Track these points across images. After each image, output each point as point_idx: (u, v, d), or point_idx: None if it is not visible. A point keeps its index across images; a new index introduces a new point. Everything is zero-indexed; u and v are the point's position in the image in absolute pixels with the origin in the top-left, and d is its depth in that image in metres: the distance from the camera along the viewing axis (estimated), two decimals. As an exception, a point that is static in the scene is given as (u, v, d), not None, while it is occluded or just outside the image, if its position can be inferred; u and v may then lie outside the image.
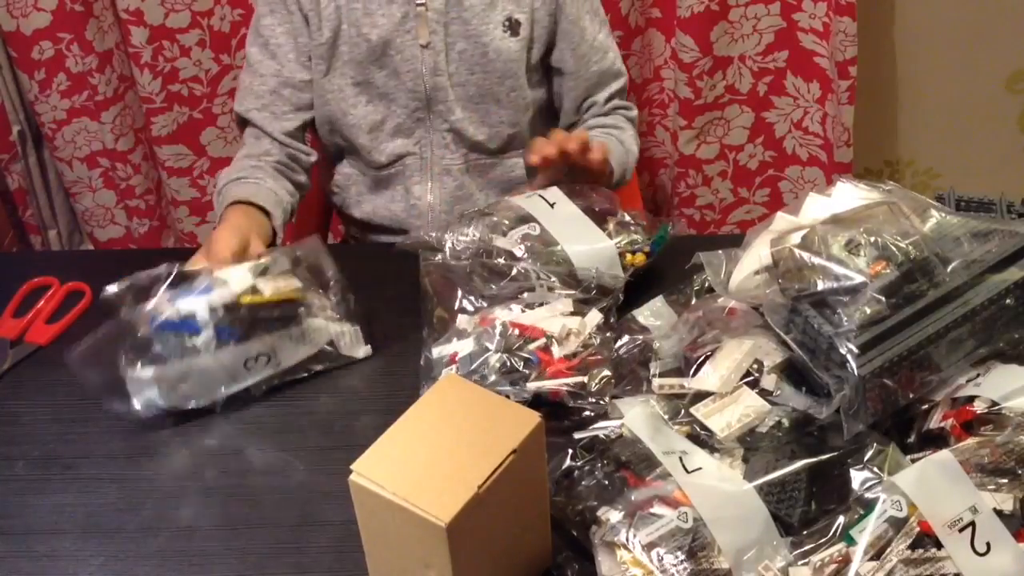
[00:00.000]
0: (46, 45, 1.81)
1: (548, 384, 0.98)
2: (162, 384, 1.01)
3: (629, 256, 1.12)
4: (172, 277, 1.02)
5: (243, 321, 1.02)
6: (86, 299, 1.22)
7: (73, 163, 1.98)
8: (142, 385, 1.01)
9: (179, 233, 2.10)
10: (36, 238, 2.07)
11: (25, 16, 1.78)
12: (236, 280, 1.04)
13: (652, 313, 1.08)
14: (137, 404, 1.01)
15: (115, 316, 1.02)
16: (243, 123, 1.41)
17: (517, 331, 1.01)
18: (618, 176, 1.38)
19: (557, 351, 1.00)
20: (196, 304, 1.01)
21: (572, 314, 1.04)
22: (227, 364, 1.03)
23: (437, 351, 1.03)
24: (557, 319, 1.02)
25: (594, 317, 1.03)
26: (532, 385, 0.97)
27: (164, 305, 1.01)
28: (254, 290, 1.03)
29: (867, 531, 0.77)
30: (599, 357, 1.00)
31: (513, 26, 1.35)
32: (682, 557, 0.79)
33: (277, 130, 1.38)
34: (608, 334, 1.03)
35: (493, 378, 0.98)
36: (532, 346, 1.00)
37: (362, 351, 1.10)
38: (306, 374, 1.08)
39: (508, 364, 0.99)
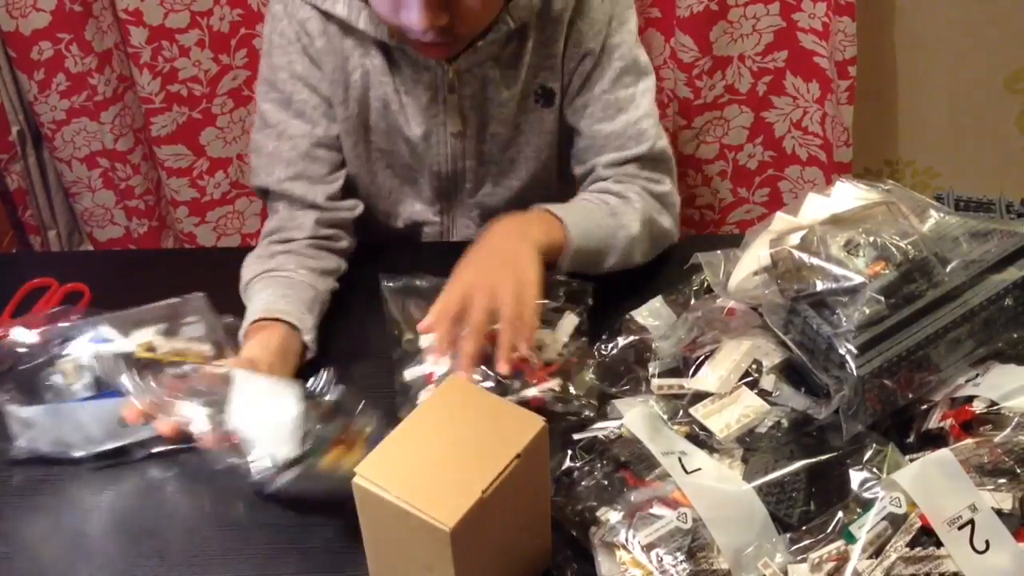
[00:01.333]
0: (45, 45, 1.81)
1: (529, 392, 0.96)
2: (37, 427, 0.96)
3: None
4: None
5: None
6: (85, 299, 1.22)
7: (72, 163, 1.98)
8: (22, 424, 0.97)
9: (178, 233, 2.10)
10: (36, 238, 2.07)
11: (24, 16, 1.77)
12: (136, 336, 0.99)
13: (651, 313, 1.08)
14: (21, 442, 0.97)
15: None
16: (276, 197, 1.21)
17: (492, 346, 0.97)
18: (579, 265, 1.10)
19: (535, 361, 0.98)
20: (84, 350, 0.96)
21: (544, 323, 1.02)
22: (101, 418, 0.96)
23: (409, 373, 1.01)
24: None
25: (570, 321, 1.02)
26: (513, 397, 0.95)
27: (53, 345, 0.96)
28: (149, 347, 0.97)
29: (866, 527, 0.77)
30: (575, 360, 0.99)
31: (547, 95, 1.22)
32: (681, 558, 0.79)
33: (320, 196, 1.19)
34: (584, 339, 1.02)
35: None
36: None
37: None
38: (186, 446, 0.95)
39: (491, 376, 0.96)
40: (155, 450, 0.99)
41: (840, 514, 0.79)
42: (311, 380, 0.94)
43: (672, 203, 1.23)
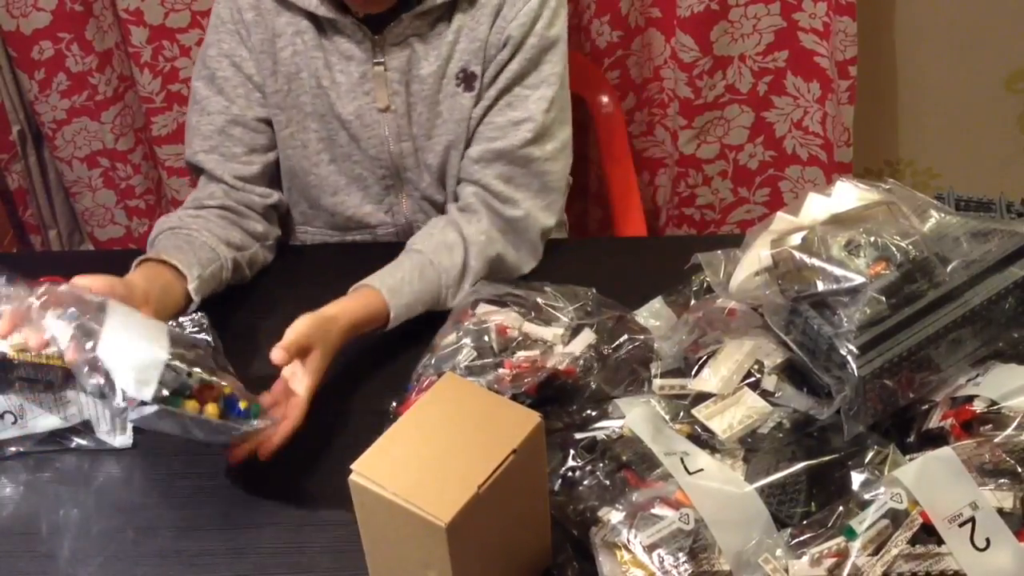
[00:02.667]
0: (46, 45, 1.81)
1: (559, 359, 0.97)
2: None
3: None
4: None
5: None
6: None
7: (73, 163, 1.98)
8: None
9: (179, 233, 2.10)
10: (36, 238, 2.07)
11: (25, 16, 1.77)
12: (17, 335, 0.96)
13: (651, 314, 1.08)
14: None
15: None
16: (196, 171, 1.26)
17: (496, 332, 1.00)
18: (407, 316, 1.12)
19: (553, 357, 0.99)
20: None
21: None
22: None
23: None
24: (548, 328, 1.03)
25: (585, 338, 1.01)
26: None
27: None
28: (24, 348, 0.95)
29: (866, 523, 0.77)
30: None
31: (468, 79, 1.21)
32: (683, 558, 0.79)
33: (228, 173, 1.23)
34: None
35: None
36: (524, 353, 1.00)
37: (120, 440, 1.02)
38: (56, 447, 1.01)
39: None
40: (22, 449, 1.01)
41: (841, 508, 0.79)
42: (182, 318, 1.00)
43: (525, 228, 1.22)
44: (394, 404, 0.99)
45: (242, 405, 0.91)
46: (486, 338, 1.01)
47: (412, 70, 1.21)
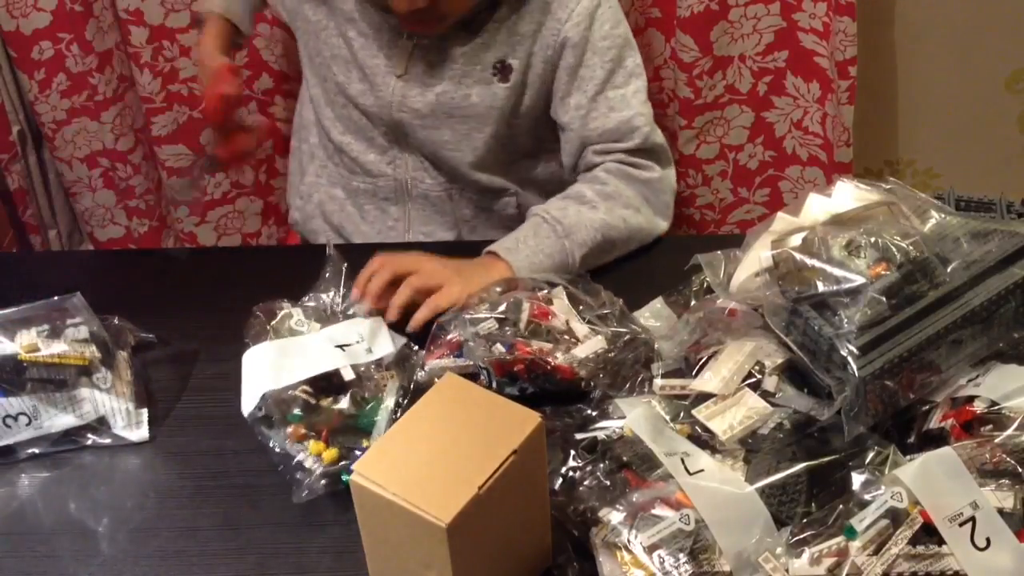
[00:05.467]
0: (46, 45, 1.81)
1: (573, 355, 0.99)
2: None
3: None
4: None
5: (9, 376, 0.99)
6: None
7: (73, 163, 1.98)
8: None
9: (179, 233, 2.10)
10: (36, 238, 2.07)
11: (25, 16, 1.77)
12: (21, 337, 1.00)
13: (652, 314, 1.08)
14: None
15: None
16: None
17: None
18: (536, 271, 1.16)
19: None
20: None
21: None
22: None
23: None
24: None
25: (596, 342, 1.02)
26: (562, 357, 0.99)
27: None
28: (34, 348, 0.99)
29: (867, 522, 0.77)
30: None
31: (504, 70, 1.28)
32: (684, 559, 0.79)
33: None
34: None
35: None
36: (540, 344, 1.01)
37: (136, 435, 1.03)
38: (73, 446, 1.02)
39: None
40: (38, 451, 1.01)
41: (841, 506, 0.79)
42: None
43: (660, 190, 1.29)
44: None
45: None
46: (521, 315, 1.03)
47: (444, 45, 1.27)
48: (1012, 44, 1.80)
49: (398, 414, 0.98)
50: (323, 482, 0.92)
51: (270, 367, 0.99)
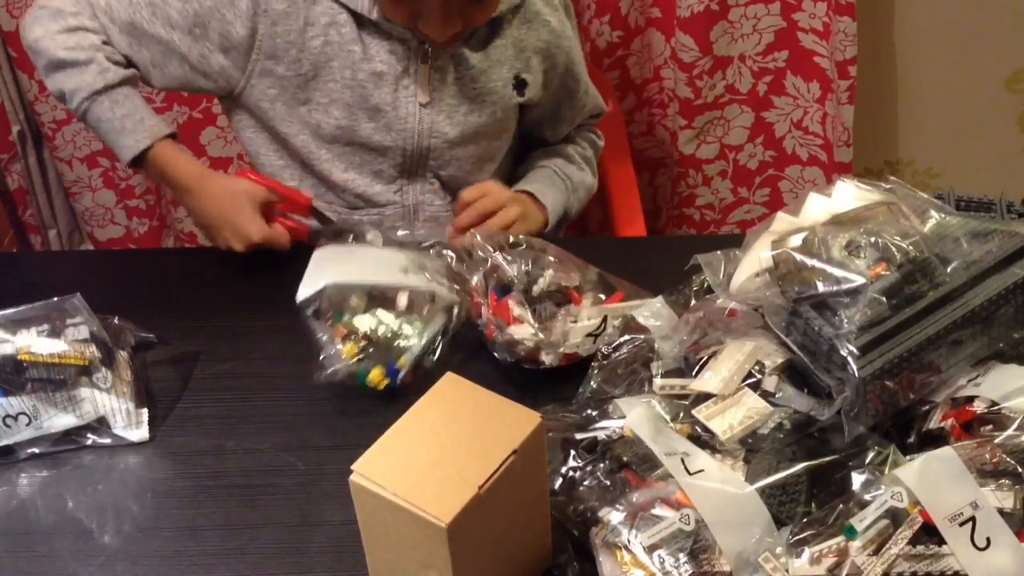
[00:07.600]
0: (46, 45, 1.81)
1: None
2: None
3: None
4: None
5: (9, 376, 0.98)
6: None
7: (73, 163, 1.98)
8: None
9: (178, 233, 2.10)
10: (36, 238, 2.07)
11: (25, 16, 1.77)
12: (22, 336, 1.00)
13: (652, 314, 1.08)
14: None
15: None
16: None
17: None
18: (555, 219, 1.34)
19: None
20: None
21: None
22: None
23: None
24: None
25: (589, 325, 1.06)
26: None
27: None
28: (31, 349, 0.99)
29: (867, 522, 0.77)
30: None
31: (520, 84, 1.31)
32: (684, 559, 0.79)
33: (106, 51, 1.23)
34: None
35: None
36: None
37: (136, 435, 1.03)
38: (73, 446, 1.02)
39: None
40: (38, 451, 1.01)
41: (841, 508, 0.79)
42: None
43: (599, 152, 1.49)
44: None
45: None
46: (540, 281, 1.08)
47: (460, 67, 1.27)
48: (1012, 44, 1.80)
49: (436, 344, 1.07)
50: (345, 373, 1.02)
51: (339, 263, 1.11)
